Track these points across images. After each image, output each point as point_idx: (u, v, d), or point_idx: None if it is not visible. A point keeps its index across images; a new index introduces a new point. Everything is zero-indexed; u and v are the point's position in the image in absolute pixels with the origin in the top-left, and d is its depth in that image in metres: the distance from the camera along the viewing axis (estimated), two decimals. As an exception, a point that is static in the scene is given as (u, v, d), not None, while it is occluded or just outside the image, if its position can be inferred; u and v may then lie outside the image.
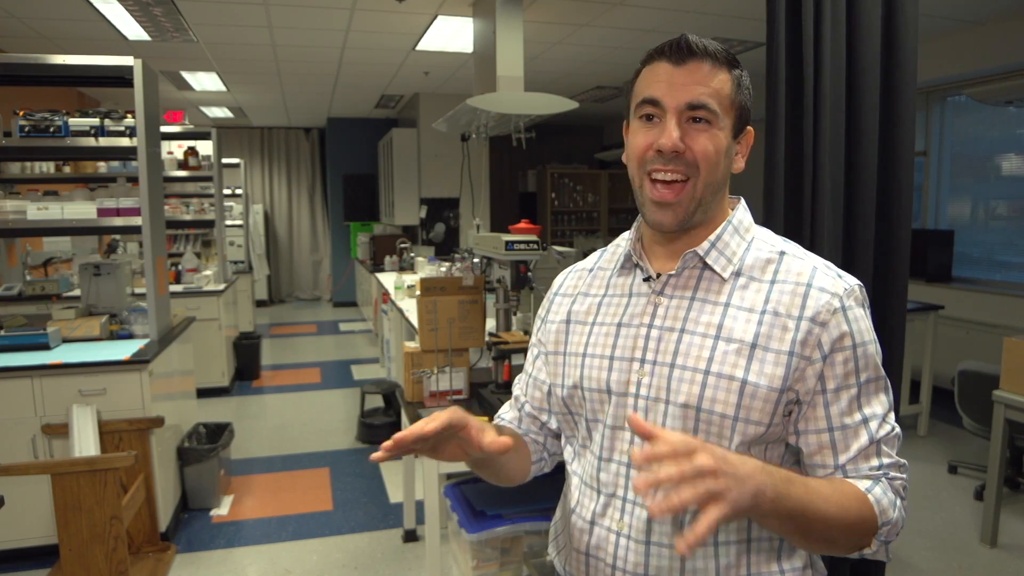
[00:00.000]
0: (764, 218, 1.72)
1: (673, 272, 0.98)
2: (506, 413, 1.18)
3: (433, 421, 0.85)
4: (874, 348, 0.93)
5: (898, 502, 0.91)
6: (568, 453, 1.09)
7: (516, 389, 1.18)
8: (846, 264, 1.72)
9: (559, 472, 1.16)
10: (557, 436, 1.14)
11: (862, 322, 0.92)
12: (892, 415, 0.94)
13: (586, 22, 4.71)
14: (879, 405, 0.92)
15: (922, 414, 4.32)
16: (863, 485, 0.90)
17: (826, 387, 0.91)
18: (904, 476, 0.93)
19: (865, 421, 0.91)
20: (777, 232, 1.04)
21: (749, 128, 0.98)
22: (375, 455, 0.85)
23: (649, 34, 4.98)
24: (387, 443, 0.84)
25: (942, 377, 4.48)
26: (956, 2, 4.20)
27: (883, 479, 0.91)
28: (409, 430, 0.84)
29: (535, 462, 1.15)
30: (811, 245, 1.70)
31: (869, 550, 0.90)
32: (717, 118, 0.92)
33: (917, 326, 4.35)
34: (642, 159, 0.94)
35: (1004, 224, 5.20)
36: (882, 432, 0.92)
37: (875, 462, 0.91)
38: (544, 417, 1.13)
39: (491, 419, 1.20)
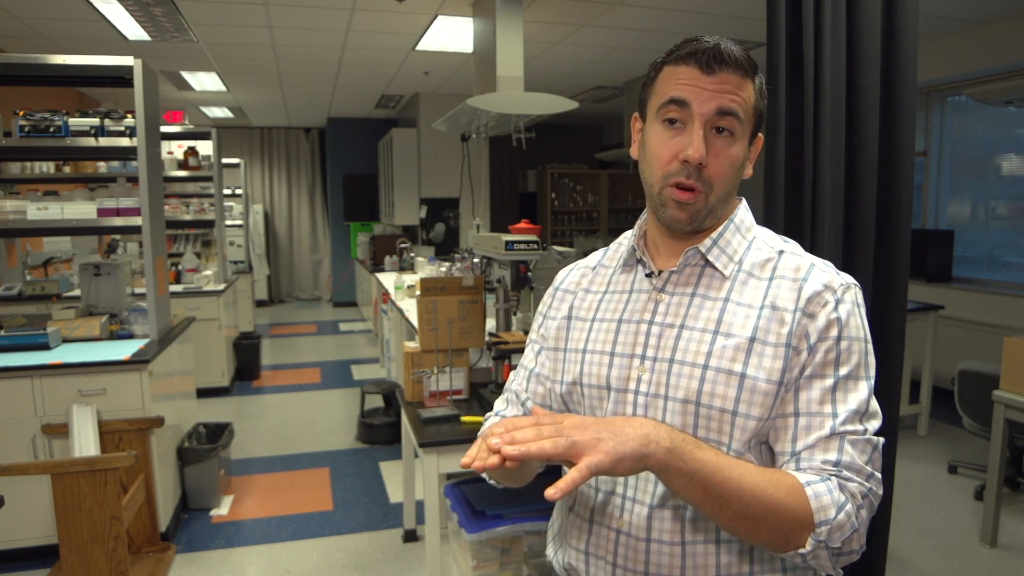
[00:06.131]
0: (764, 218, 1.72)
1: (674, 269, 0.99)
2: (507, 411, 1.15)
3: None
4: (862, 347, 0.91)
5: (848, 506, 0.85)
6: None
7: (514, 385, 1.16)
8: (846, 264, 1.73)
9: (558, 471, 1.16)
10: None
11: (853, 318, 0.91)
12: (873, 422, 0.90)
13: (586, 22, 4.71)
14: (855, 402, 0.89)
15: (922, 414, 4.32)
16: (804, 478, 0.86)
17: (803, 374, 0.90)
18: (867, 484, 0.87)
19: (834, 414, 0.88)
20: (777, 232, 1.05)
21: (759, 135, 1.00)
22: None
23: (649, 34, 4.98)
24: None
25: (942, 377, 4.48)
26: (956, 2, 4.20)
27: (834, 478, 0.86)
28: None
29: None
30: (811, 245, 1.71)
31: (803, 549, 0.84)
32: (740, 127, 0.93)
33: (917, 326, 4.35)
34: (666, 170, 0.94)
35: (1004, 224, 5.20)
36: (848, 427, 0.88)
37: (832, 456, 0.87)
38: None
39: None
